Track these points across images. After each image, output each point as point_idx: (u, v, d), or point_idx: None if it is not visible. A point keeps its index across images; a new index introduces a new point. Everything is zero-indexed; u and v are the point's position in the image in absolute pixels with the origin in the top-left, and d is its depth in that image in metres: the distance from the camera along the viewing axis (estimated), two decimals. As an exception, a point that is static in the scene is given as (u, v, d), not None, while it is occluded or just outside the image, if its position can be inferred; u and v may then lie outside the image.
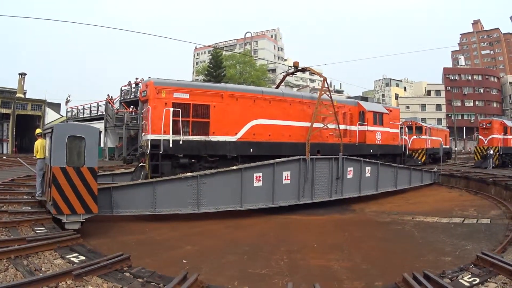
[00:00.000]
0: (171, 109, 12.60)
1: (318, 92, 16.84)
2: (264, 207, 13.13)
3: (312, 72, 18.61)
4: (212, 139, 13.48)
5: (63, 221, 8.95)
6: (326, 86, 16.32)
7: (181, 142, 12.78)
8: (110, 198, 10.55)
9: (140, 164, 13.79)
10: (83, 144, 9.23)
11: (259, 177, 12.93)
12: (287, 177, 13.66)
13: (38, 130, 11.65)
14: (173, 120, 12.61)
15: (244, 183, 12.53)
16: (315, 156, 14.74)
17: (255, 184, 12.87)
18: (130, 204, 10.92)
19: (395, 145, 20.63)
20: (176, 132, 12.71)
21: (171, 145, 12.56)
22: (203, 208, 11.85)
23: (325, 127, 16.22)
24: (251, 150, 14.24)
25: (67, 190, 8.95)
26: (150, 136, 12.49)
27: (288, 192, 13.76)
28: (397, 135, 20.90)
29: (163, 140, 12.44)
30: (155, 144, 12.39)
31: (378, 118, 19.21)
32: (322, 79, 16.81)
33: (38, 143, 10.95)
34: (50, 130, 9.59)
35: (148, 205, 11.12)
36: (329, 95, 16.42)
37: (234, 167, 12.60)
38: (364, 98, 20.95)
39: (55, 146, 9.02)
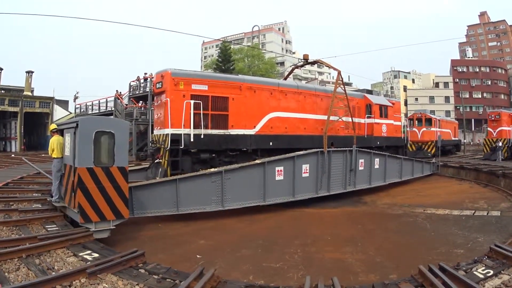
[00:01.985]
0: (192, 102, 11.98)
1: (330, 85, 16.79)
2: (285, 201, 12.96)
3: (326, 65, 18.53)
4: (232, 133, 13.14)
5: (91, 230, 7.93)
6: (340, 79, 16.27)
7: (202, 136, 12.24)
8: (131, 198, 9.59)
9: (156, 161, 12.90)
10: (112, 141, 8.19)
11: (281, 170, 12.69)
12: (306, 170, 13.53)
13: (53, 126, 10.22)
14: (193, 113, 12.06)
15: (267, 177, 12.27)
16: (331, 149, 14.70)
17: (277, 178, 12.63)
18: (152, 204, 10.16)
19: (399, 137, 21.28)
20: (196, 125, 12.11)
21: (192, 140, 11.97)
22: (228, 204, 11.46)
23: (339, 119, 16.33)
24: (271, 143, 14.07)
25: (95, 194, 7.92)
26: (170, 131, 11.80)
27: (307, 185, 13.64)
28: (400, 128, 21.60)
29: (184, 134, 11.80)
30: (175, 138, 11.75)
31: (384, 111, 19.63)
32: (331, 72, 17.10)
33: (54, 140, 9.56)
34: (73, 125, 8.35)
35: (171, 205, 10.45)
36: (343, 88, 16.48)
37: (257, 161, 12.27)
38: (369, 91, 21.11)
39: (81, 144, 7.89)
